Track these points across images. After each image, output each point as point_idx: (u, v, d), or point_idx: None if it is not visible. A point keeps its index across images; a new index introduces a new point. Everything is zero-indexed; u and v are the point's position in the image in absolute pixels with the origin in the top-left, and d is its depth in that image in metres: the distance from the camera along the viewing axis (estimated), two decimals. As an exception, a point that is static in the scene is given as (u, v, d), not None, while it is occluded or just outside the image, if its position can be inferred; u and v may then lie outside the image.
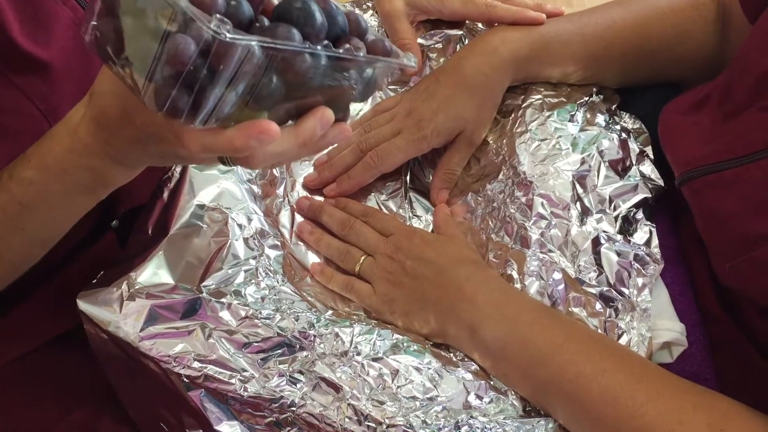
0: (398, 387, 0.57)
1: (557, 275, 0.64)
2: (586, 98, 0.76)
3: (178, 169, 0.67)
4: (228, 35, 0.37)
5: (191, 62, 0.39)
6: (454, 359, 0.61)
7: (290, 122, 0.47)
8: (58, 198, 0.54)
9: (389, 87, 0.82)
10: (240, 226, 0.64)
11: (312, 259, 0.71)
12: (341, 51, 0.45)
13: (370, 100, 0.81)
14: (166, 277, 0.60)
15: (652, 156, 0.72)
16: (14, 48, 0.55)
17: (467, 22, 0.84)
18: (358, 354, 0.58)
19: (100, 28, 0.42)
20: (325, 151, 0.77)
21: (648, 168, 0.70)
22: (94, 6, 0.42)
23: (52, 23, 0.58)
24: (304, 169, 0.76)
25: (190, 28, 0.38)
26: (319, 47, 0.43)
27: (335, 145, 0.72)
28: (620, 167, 0.69)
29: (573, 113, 0.73)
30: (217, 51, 0.38)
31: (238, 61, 0.39)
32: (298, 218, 0.73)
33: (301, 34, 0.43)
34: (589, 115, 0.74)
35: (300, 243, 0.72)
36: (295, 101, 0.45)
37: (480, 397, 0.58)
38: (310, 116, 0.46)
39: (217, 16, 0.38)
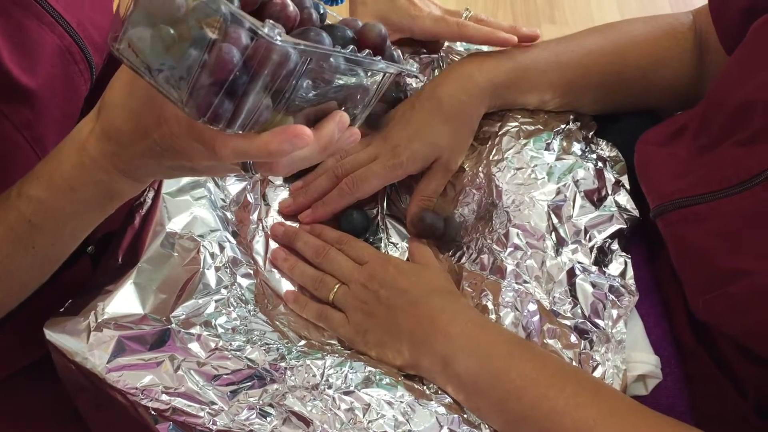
0: (369, 422, 0.56)
1: (532, 306, 0.63)
2: (563, 126, 0.76)
3: (151, 194, 0.66)
4: (279, 39, 0.38)
5: (236, 69, 0.39)
6: (428, 392, 0.60)
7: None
8: (67, 214, 0.53)
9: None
10: (212, 254, 0.64)
11: (286, 286, 0.70)
12: (364, 54, 0.46)
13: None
14: (135, 307, 0.59)
15: (628, 186, 0.72)
16: (1, 75, 0.54)
17: (445, 44, 0.83)
18: (330, 387, 0.58)
19: (135, 37, 0.41)
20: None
21: (623, 198, 0.70)
22: (123, 15, 0.42)
23: (39, 50, 0.58)
24: (279, 195, 0.75)
25: (230, 36, 0.39)
26: (347, 50, 0.44)
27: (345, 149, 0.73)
28: (596, 197, 0.69)
29: (549, 141, 0.73)
30: (263, 56, 0.39)
31: (280, 65, 0.40)
32: (273, 244, 0.72)
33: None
34: (565, 144, 0.74)
35: (274, 270, 0.71)
36: (316, 105, 0.46)
37: (453, 431, 0.57)
38: (330, 120, 0.47)
39: (268, 21, 0.38)
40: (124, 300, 0.59)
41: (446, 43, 0.84)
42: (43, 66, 0.58)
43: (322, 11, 0.50)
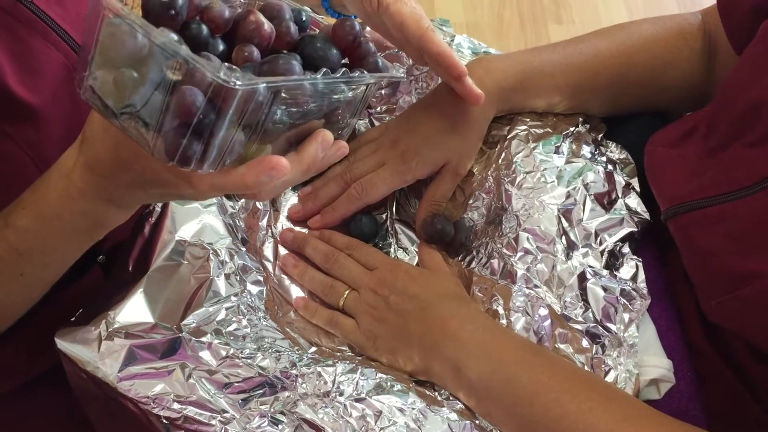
0: (381, 429, 0.56)
1: (543, 311, 0.63)
2: (572, 128, 0.75)
3: (160, 203, 0.66)
4: (239, 83, 0.38)
5: (200, 111, 0.39)
6: (439, 398, 0.60)
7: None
8: (54, 243, 0.54)
9: (376, 117, 0.82)
10: (221, 262, 0.63)
11: (296, 292, 0.70)
12: (339, 75, 0.45)
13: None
14: (145, 316, 0.59)
15: (638, 188, 0.71)
16: (6, 94, 0.54)
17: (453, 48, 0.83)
18: (341, 394, 0.58)
19: (98, 81, 0.41)
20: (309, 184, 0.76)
21: (634, 201, 0.70)
22: (87, 57, 0.41)
23: (44, 68, 0.58)
24: (288, 201, 0.75)
25: (194, 77, 0.38)
26: (318, 75, 0.43)
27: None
28: (606, 200, 0.69)
29: (558, 145, 0.73)
30: (225, 96, 0.38)
31: (246, 102, 0.39)
32: (282, 250, 0.72)
33: (319, 67, 0.45)
34: (574, 147, 0.73)
35: (284, 276, 0.71)
36: (295, 129, 0.46)
37: (465, 437, 0.57)
38: (312, 141, 0.47)
39: (225, 64, 0.38)
40: (135, 309, 0.59)
41: (453, 47, 0.83)
42: (47, 84, 0.58)
43: (304, 18, 0.50)
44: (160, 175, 0.45)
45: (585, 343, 0.62)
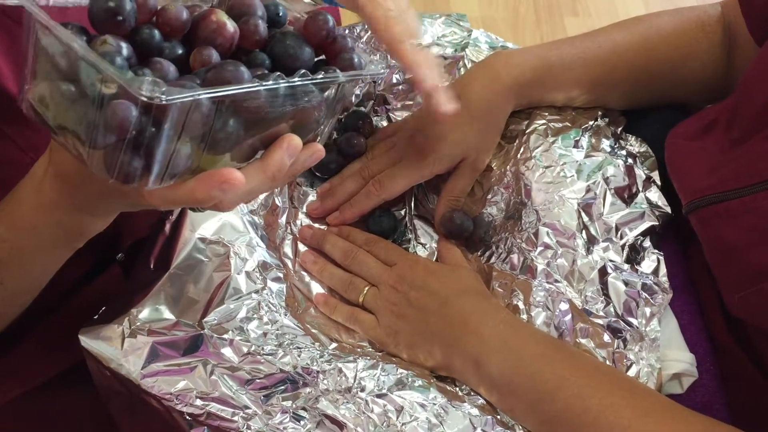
0: (403, 424, 0.56)
1: (564, 306, 0.63)
2: (591, 122, 0.75)
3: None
4: (165, 97, 0.35)
5: (133, 126, 0.36)
6: (460, 394, 0.60)
7: (259, 153, 0.45)
8: (31, 253, 0.53)
9: (394, 112, 0.82)
10: (242, 259, 0.64)
11: (316, 289, 0.70)
12: (296, 78, 0.42)
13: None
14: (167, 313, 0.60)
15: (658, 181, 0.71)
16: (5, 96, 0.54)
17: (469, 43, 0.83)
18: (362, 390, 0.58)
19: (36, 95, 0.39)
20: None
21: (655, 195, 0.69)
22: (25, 73, 0.39)
23: None
24: (307, 198, 0.75)
25: (127, 91, 0.36)
26: (270, 81, 0.41)
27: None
28: (626, 194, 0.69)
29: (578, 139, 0.72)
30: (158, 111, 0.36)
31: (183, 115, 0.37)
32: (302, 247, 0.72)
33: (291, 69, 0.43)
34: (594, 141, 0.73)
35: (303, 273, 0.71)
36: (257, 135, 0.44)
37: (487, 433, 0.57)
38: (276, 148, 0.44)
39: (148, 79, 0.36)
40: (157, 306, 0.60)
41: (470, 42, 0.83)
42: None
43: (281, 13, 0.48)
44: (119, 186, 0.43)
45: (606, 337, 0.62)
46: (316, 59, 0.49)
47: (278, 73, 0.42)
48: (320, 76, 0.44)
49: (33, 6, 0.37)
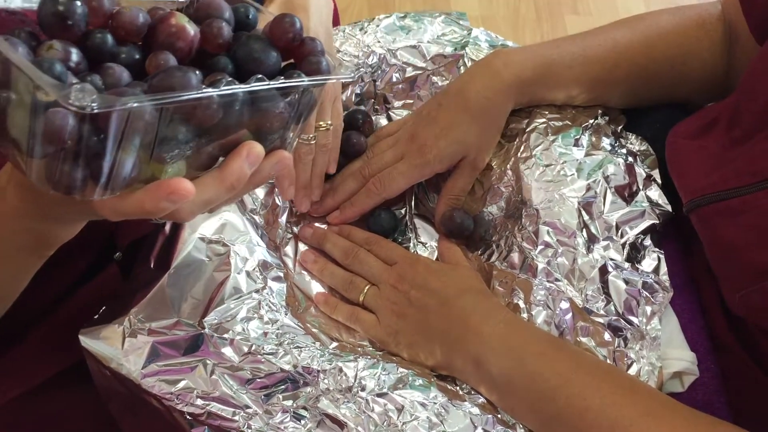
0: (404, 424, 0.56)
1: (564, 304, 0.63)
2: (591, 121, 0.75)
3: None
4: (94, 105, 0.33)
5: (69, 136, 0.35)
6: (461, 393, 0.60)
7: (220, 159, 0.43)
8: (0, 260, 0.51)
9: (394, 111, 0.82)
10: (242, 258, 0.64)
11: (316, 288, 0.70)
12: (251, 84, 0.40)
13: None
14: (168, 313, 0.60)
15: (659, 180, 0.71)
16: None
17: (469, 41, 0.83)
18: (363, 389, 0.58)
19: None
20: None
21: (655, 193, 0.69)
22: None
23: None
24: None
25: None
26: (222, 87, 0.39)
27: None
28: (627, 193, 0.68)
29: (578, 137, 0.72)
30: (95, 120, 0.35)
31: (122, 123, 0.35)
32: (302, 247, 0.73)
33: (256, 71, 0.41)
34: (594, 139, 0.73)
35: (304, 272, 0.71)
36: (214, 142, 0.42)
37: (487, 432, 0.57)
38: (235, 157, 0.42)
39: (77, 86, 0.34)
40: (158, 306, 0.60)
41: (470, 40, 0.83)
42: None
43: (251, 15, 0.46)
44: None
45: (607, 336, 0.61)
46: (284, 63, 0.47)
47: (230, 78, 0.40)
48: (279, 81, 0.42)
49: None
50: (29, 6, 0.41)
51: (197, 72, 0.39)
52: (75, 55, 0.38)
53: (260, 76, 0.41)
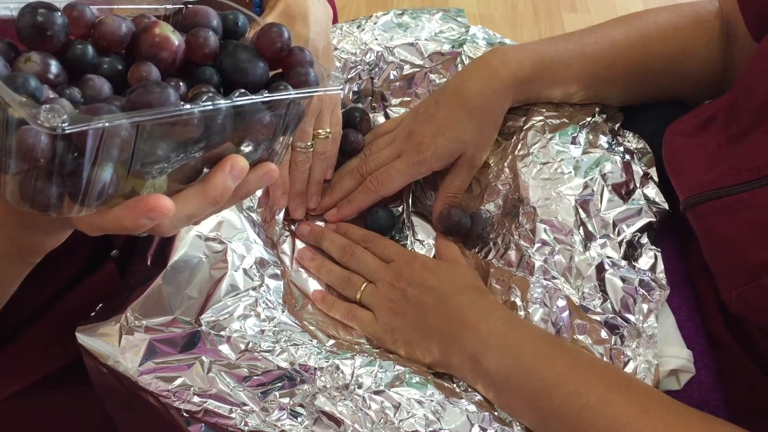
0: (400, 421, 0.56)
1: (561, 302, 0.63)
2: (589, 119, 0.75)
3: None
4: (65, 125, 0.32)
5: (42, 153, 0.34)
6: (458, 390, 0.60)
7: (205, 170, 0.42)
8: None
9: (391, 109, 0.82)
10: (239, 256, 0.64)
11: (313, 286, 0.70)
12: (233, 98, 0.39)
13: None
14: (165, 310, 0.59)
15: (656, 178, 0.71)
16: None
17: (467, 39, 0.82)
18: (360, 387, 0.58)
19: None
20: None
21: (652, 191, 0.69)
22: None
23: None
24: (305, 195, 0.75)
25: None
26: (199, 103, 0.37)
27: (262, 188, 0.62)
28: (624, 191, 0.68)
29: (575, 135, 0.72)
30: (68, 138, 0.34)
31: (96, 141, 0.34)
32: (299, 244, 0.72)
33: (242, 85, 0.40)
34: (591, 137, 0.73)
35: (301, 270, 0.71)
36: (196, 157, 0.40)
37: (484, 429, 0.57)
38: (218, 171, 0.41)
39: (46, 106, 0.32)
40: (154, 303, 0.60)
41: (468, 38, 0.83)
42: None
43: (240, 23, 0.45)
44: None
45: (604, 334, 0.62)
46: (273, 72, 0.46)
47: (212, 91, 0.40)
48: (263, 95, 0.41)
49: None
50: (6, 13, 0.40)
51: (179, 85, 0.38)
52: (54, 67, 0.37)
53: (243, 90, 0.40)
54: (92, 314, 0.60)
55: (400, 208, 0.77)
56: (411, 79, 0.81)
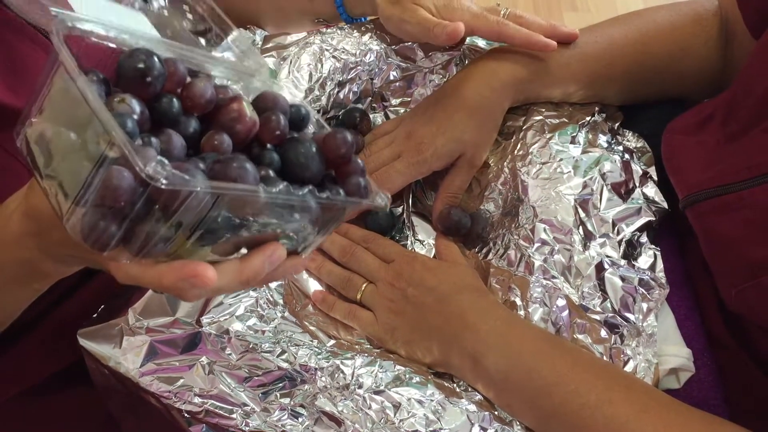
0: (401, 421, 0.56)
1: (561, 301, 0.63)
2: (588, 118, 0.75)
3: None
4: (165, 182, 0.33)
5: (125, 197, 0.34)
6: (458, 390, 0.60)
7: (241, 251, 0.43)
8: None
9: (391, 110, 0.82)
10: (240, 257, 0.64)
11: (314, 286, 0.70)
12: (302, 192, 0.40)
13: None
14: (166, 312, 0.60)
15: (655, 177, 0.71)
16: None
17: (467, 39, 0.83)
18: (360, 387, 0.58)
19: (36, 133, 0.38)
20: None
21: (651, 190, 0.69)
22: (32, 107, 0.37)
23: (28, 67, 0.57)
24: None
25: (129, 160, 0.34)
26: (275, 189, 0.39)
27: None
28: (623, 190, 0.69)
29: (574, 135, 0.72)
30: (155, 190, 0.34)
31: (180, 201, 0.35)
32: (300, 244, 0.73)
33: (299, 177, 0.41)
34: (590, 136, 0.73)
35: (301, 270, 0.71)
36: (245, 235, 0.41)
37: (484, 429, 0.57)
38: (259, 253, 0.42)
39: (158, 158, 0.33)
40: (155, 304, 0.60)
41: (467, 39, 0.83)
42: (32, 83, 0.56)
43: (303, 114, 0.47)
44: (83, 246, 0.40)
45: (603, 333, 0.62)
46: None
47: (285, 182, 0.40)
48: (324, 196, 0.42)
49: (61, 44, 0.35)
50: (102, 32, 0.40)
51: (254, 166, 0.39)
52: (143, 114, 0.38)
53: (311, 188, 0.41)
54: (94, 316, 0.60)
55: (400, 208, 0.77)
56: (411, 79, 0.81)
